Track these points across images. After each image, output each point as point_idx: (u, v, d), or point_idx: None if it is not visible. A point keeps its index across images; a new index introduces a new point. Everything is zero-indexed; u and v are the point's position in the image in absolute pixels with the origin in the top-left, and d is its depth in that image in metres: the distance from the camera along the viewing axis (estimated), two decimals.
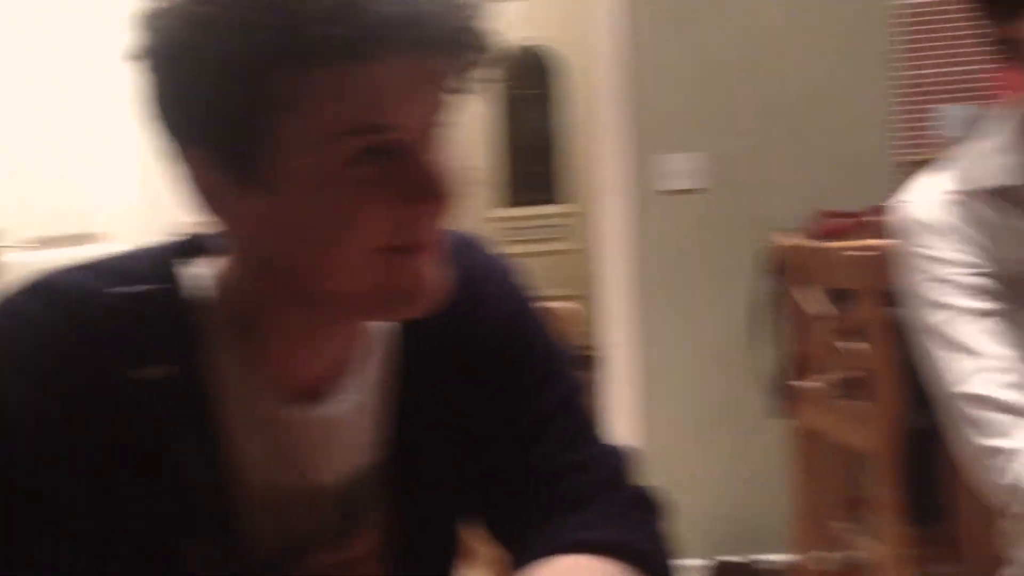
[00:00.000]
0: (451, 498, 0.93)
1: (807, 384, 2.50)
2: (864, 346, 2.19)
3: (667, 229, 3.17)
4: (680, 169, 3.14)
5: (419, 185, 0.76)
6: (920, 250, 1.28)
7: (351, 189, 0.74)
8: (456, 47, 0.74)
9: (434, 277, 0.79)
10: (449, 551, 0.96)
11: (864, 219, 2.59)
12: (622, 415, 3.21)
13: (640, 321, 3.19)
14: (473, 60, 0.76)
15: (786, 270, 2.48)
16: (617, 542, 0.86)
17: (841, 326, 2.29)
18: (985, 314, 1.23)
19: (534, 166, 6.31)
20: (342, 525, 0.90)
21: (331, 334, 0.86)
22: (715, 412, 3.17)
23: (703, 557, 3.11)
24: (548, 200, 6.29)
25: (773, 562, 3.06)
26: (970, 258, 1.24)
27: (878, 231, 2.44)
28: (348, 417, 0.88)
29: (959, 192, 1.27)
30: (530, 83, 6.15)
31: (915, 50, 3.00)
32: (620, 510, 0.90)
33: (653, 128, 3.15)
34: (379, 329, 0.89)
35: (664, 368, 3.19)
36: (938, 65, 2.99)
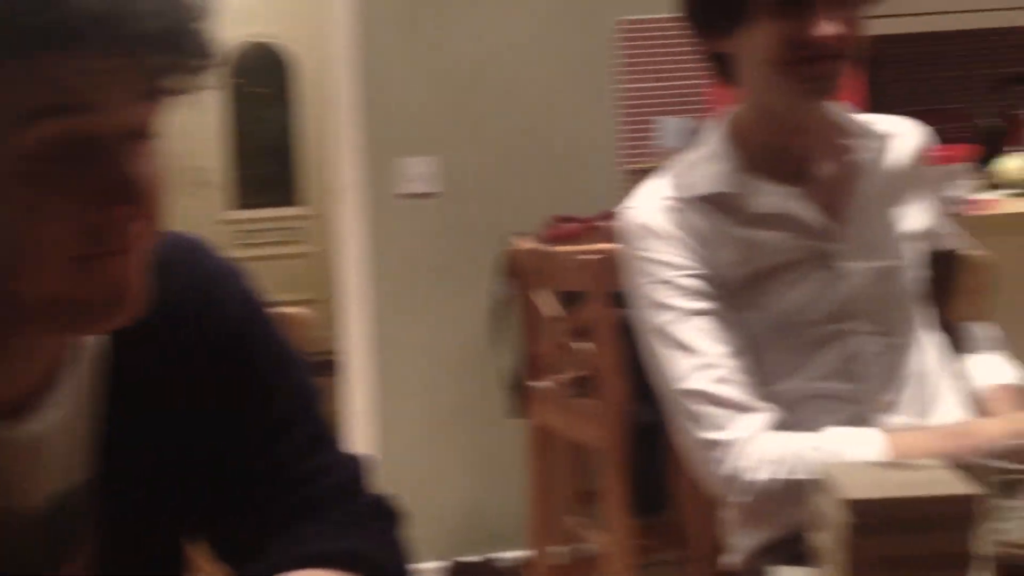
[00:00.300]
0: (172, 514, 0.88)
1: (541, 384, 2.57)
2: (592, 346, 2.28)
3: (404, 233, 3.17)
4: (416, 173, 3.15)
5: (112, 187, 0.71)
6: (642, 253, 1.34)
7: (34, 188, 0.69)
8: (170, 46, 0.70)
9: (135, 285, 0.74)
10: (172, 571, 0.91)
11: (593, 224, 2.69)
12: (359, 420, 3.18)
13: (376, 325, 3.18)
14: (192, 60, 0.72)
15: (520, 274, 2.53)
16: (351, 553, 0.84)
17: (571, 327, 2.37)
18: (701, 314, 1.30)
19: (268, 167, 6.15)
20: (53, 550, 0.83)
21: (31, 346, 0.79)
22: (452, 414, 3.20)
23: (441, 558, 3.14)
24: (283, 202, 6.15)
25: (510, 559, 3.13)
26: (687, 261, 1.32)
27: (607, 236, 2.55)
28: (55, 434, 0.81)
29: (676, 199, 1.34)
30: (263, 81, 5.99)
31: (637, 64, 3.16)
32: (356, 519, 0.89)
33: (389, 131, 3.14)
34: (89, 338, 0.83)
35: (401, 372, 3.19)
36: (658, 79, 3.17)
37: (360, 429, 3.17)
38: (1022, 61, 3.71)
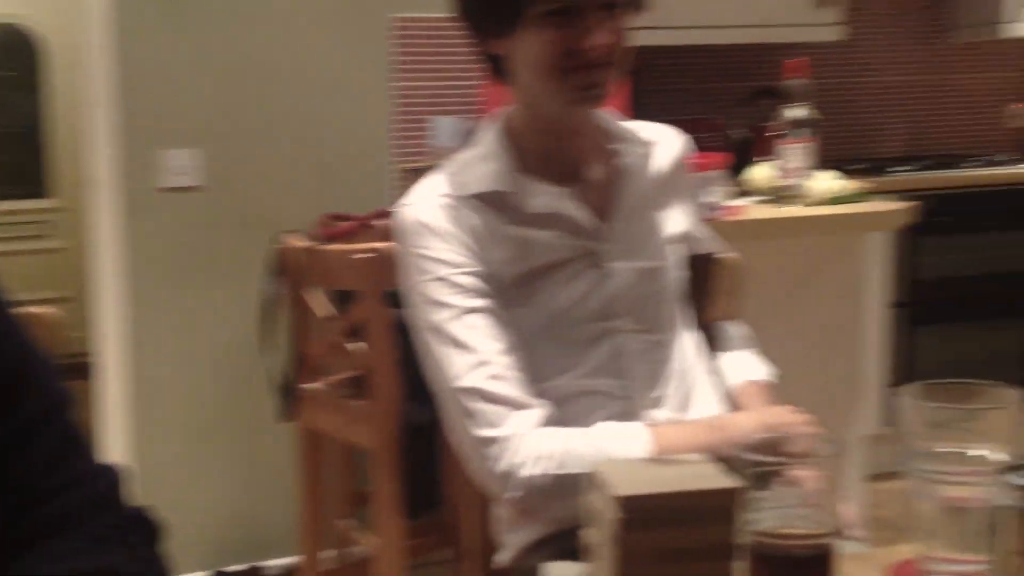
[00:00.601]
0: None
1: (311, 386, 2.52)
2: (365, 346, 2.25)
3: (164, 228, 3.02)
4: (178, 166, 3.01)
5: None
6: (418, 251, 1.33)
7: None
8: None
9: None
10: None
11: (367, 222, 2.66)
12: (114, 427, 3.01)
13: (133, 325, 3.01)
14: None
15: (291, 272, 2.47)
16: (106, 571, 0.80)
17: (344, 327, 2.33)
18: (476, 311, 1.31)
19: (14, 156, 5.71)
20: None
21: None
22: (216, 419, 3.08)
23: (205, 568, 3.01)
24: (32, 194, 5.73)
25: (278, 566, 3.05)
26: (462, 258, 1.32)
27: (381, 234, 2.52)
28: None
29: (451, 197, 1.34)
30: (10, 64, 5.57)
31: (411, 62, 3.15)
32: (112, 534, 0.84)
33: (148, 121, 2.98)
34: None
35: (159, 375, 3.04)
36: (434, 78, 3.17)
37: (115, 436, 2.99)
38: (770, 76, 3.97)
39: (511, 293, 1.34)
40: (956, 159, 3.85)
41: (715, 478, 0.82)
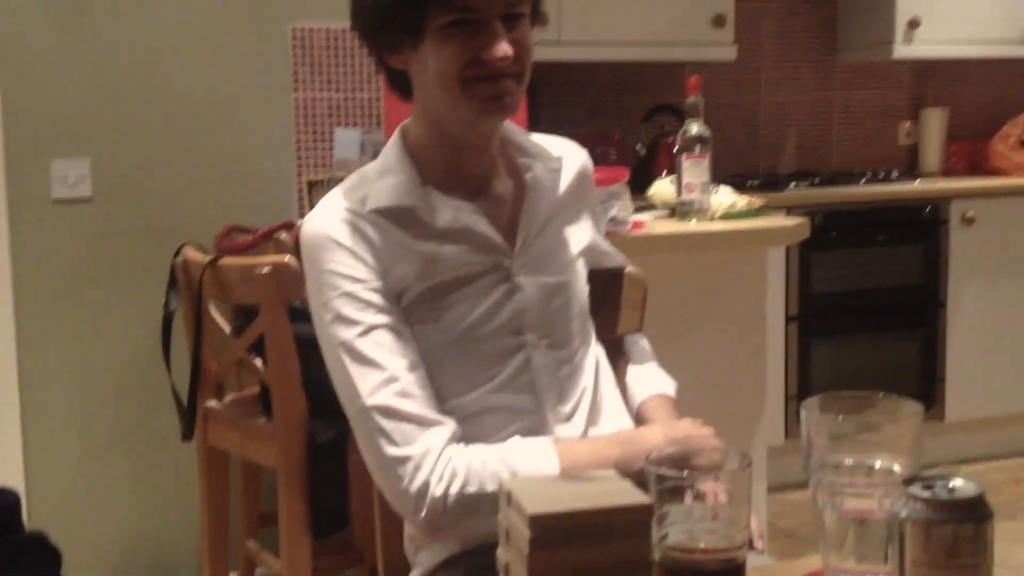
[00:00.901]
0: None
1: (213, 403, 2.46)
2: (268, 362, 2.21)
3: (53, 240, 2.92)
4: (67, 176, 2.92)
5: None
6: (324, 266, 1.31)
7: None
8: None
9: None
10: None
11: (269, 235, 2.62)
12: (5, 448, 2.89)
13: (21, 342, 2.90)
14: None
15: (190, 286, 2.41)
16: None
17: (246, 342, 2.28)
18: (383, 327, 1.29)
19: None
20: None
21: None
22: (113, 438, 2.99)
23: None
24: None
25: None
26: (367, 274, 1.30)
27: (281, 247, 2.49)
28: None
29: (355, 211, 1.33)
30: None
31: (312, 73, 3.11)
32: (5, 559, 0.80)
33: (35, 130, 2.89)
34: None
35: (51, 394, 2.93)
36: (335, 90, 3.14)
37: (5, 458, 2.88)
38: (669, 93, 4.05)
39: (419, 309, 1.33)
40: (848, 176, 3.98)
41: (627, 494, 0.82)
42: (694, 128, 2.53)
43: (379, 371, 1.27)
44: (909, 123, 4.41)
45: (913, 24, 3.94)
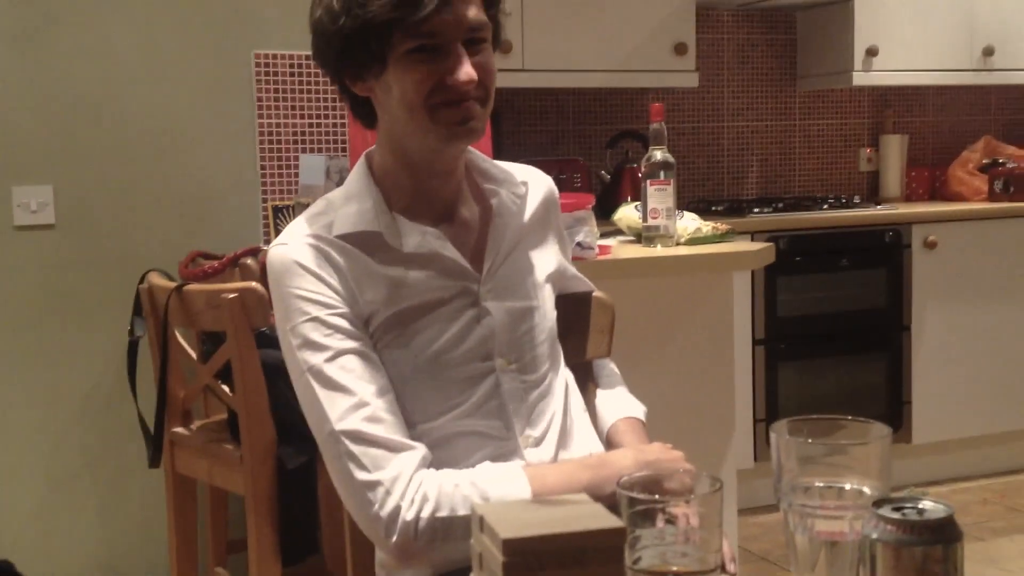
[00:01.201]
0: None
1: (181, 430, 2.43)
2: (235, 388, 2.19)
3: (16, 268, 2.89)
4: (32, 203, 2.89)
5: None
6: (291, 291, 1.31)
7: None
8: None
9: None
10: None
11: (235, 261, 2.61)
12: None
13: None
14: None
15: (156, 312, 2.39)
16: None
17: (213, 368, 2.26)
18: (351, 353, 1.29)
19: None
20: None
21: None
22: (79, 466, 2.95)
23: None
24: None
25: None
26: (334, 299, 1.30)
27: (248, 273, 2.47)
28: None
29: (322, 237, 1.32)
30: None
31: (276, 99, 3.11)
32: None
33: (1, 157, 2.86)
34: None
35: (15, 422, 2.89)
36: (300, 116, 3.13)
37: None
38: (633, 120, 4.08)
39: (387, 334, 1.32)
40: (810, 201, 4.03)
41: (600, 518, 0.82)
42: (658, 154, 2.55)
43: (348, 396, 1.27)
44: (869, 150, 4.47)
45: (871, 52, 4.00)
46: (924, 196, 4.40)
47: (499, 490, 1.25)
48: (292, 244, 1.33)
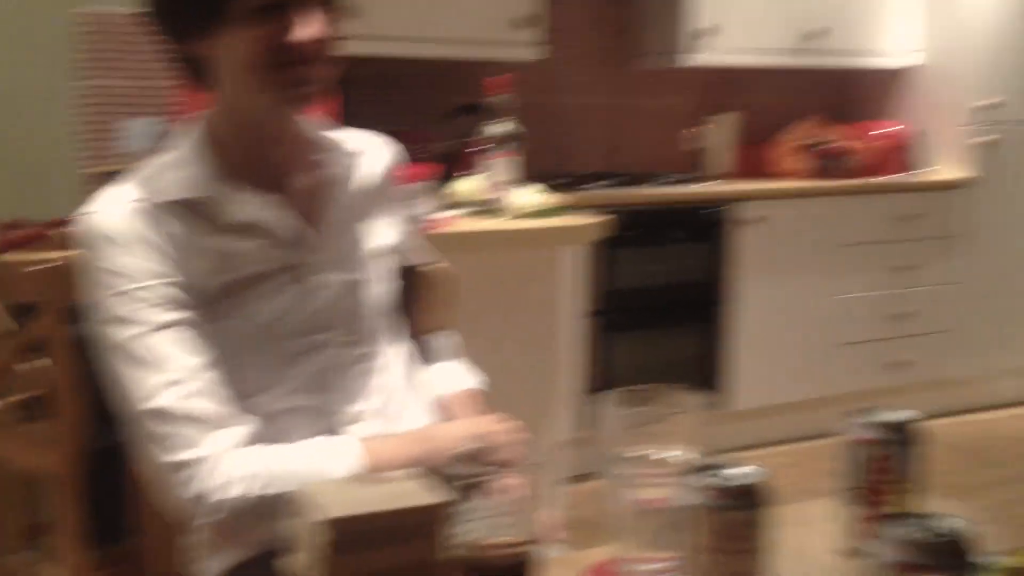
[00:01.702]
0: None
1: None
2: (45, 364, 2.08)
3: None
4: None
5: None
6: (104, 263, 1.24)
7: None
8: None
9: None
10: None
11: (47, 230, 2.48)
12: None
13: None
14: None
15: None
16: None
17: (22, 343, 2.15)
18: (173, 325, 1.23)
19: None
20: None
21: None
22: None
23: None
24: None
25: None
26: (157, 269, 1.24)
27: (62, 243, 2.35)
28: None
29: (144, 204, 1.26)
30: None
31: (99, 62, 2.96)
32: None
33: None
34: None
35: None
36: (123, 78, 2.99)
37: None
38: (474, 91, 4.07)
39: (214, 305, 1.27)
40: (645, 177, 4.12)
41: (419, 495, 0.81)
42: (500, 127, 2.56)
43: (161, 373, 1.21)
44: (699, 128, 4.60)
45: (703, 33, 4.11)
46: (750, 174, 4.56)
47: (327, 466, 1.23)
48: (105, 212, 1.26)
